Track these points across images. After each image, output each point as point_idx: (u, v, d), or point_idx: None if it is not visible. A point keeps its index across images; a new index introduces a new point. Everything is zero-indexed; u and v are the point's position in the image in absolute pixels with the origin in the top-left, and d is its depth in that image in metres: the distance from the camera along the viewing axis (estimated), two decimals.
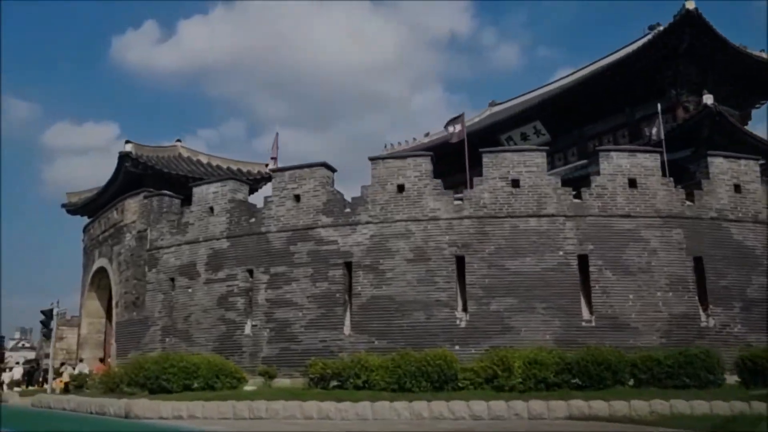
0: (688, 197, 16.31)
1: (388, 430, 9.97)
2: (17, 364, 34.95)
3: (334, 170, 17.95)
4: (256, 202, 19.36)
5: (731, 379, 13.58)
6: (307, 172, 17.61)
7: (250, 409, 11.93)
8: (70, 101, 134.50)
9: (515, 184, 16.14)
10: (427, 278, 15.89)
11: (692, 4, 21.83)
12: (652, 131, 19.57)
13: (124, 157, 21.29)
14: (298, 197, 17.49)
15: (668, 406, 10.70)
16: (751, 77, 25.44)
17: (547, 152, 16.76)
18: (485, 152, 16.52)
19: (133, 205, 20.72)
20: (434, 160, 16.88)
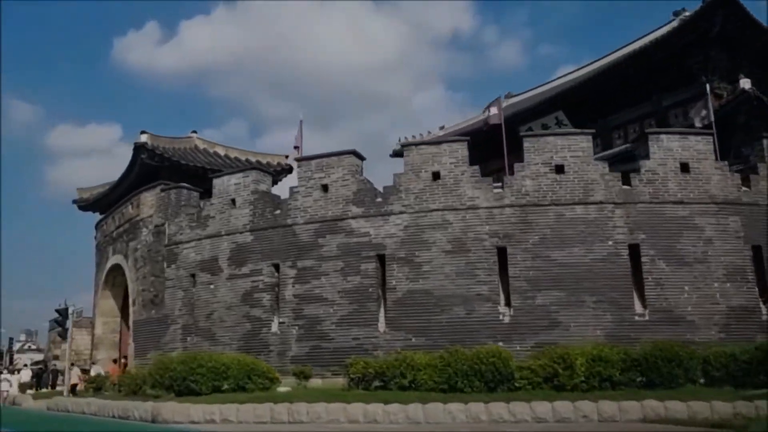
0: (743, 182, 15.32)
1: None
2: (25, 366, 34.12)
3: (363, 158, 17.01)
4: (277, 194, 18.40)
5: None
6: (334, 160, 16.66)
7: (289, 412, 10.98)
8: (72, 103, 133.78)
9: (559, 169, 15.16)
10: (466, 271, 14.94)
11: None
12: (701, 113, 18.55)
13: (139, 148, 20.34)
14: (325, 187, 16.55)
15: (753, 407, 9.69)
16: None
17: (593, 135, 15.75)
18: (526, 136, 15.55)
19: (149, 198, 19.81)
20: (470, 145, 15.91)
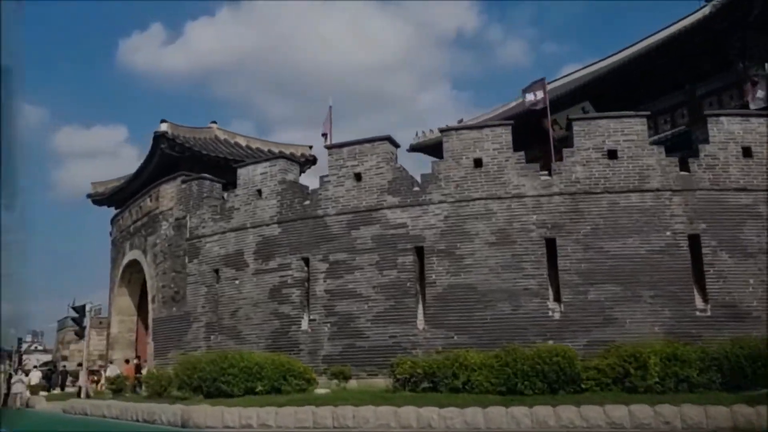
0: None
1: None
2: (35, 367, 33.34)
3: (397, 145, 16.06)
4: (305, 184, 17.44)
5: None
6: (368, 147, 15.69)
7: (334, 416, 10.03)
8: (77, 105, 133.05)
9: (612, 155, 14.14)
10: (512, 264, 13.94)
11: None
12: (756, 95, 17.49)
13: (159, 137, 19.42)
14: (358, 176, 15.59)
15: None
16: None
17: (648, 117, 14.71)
18: (575, 119, 14.55)
19: (169, 190, 18.91)
20: (514, 130, 14.91)
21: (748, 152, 14.03)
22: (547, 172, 14.49)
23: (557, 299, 13.72)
